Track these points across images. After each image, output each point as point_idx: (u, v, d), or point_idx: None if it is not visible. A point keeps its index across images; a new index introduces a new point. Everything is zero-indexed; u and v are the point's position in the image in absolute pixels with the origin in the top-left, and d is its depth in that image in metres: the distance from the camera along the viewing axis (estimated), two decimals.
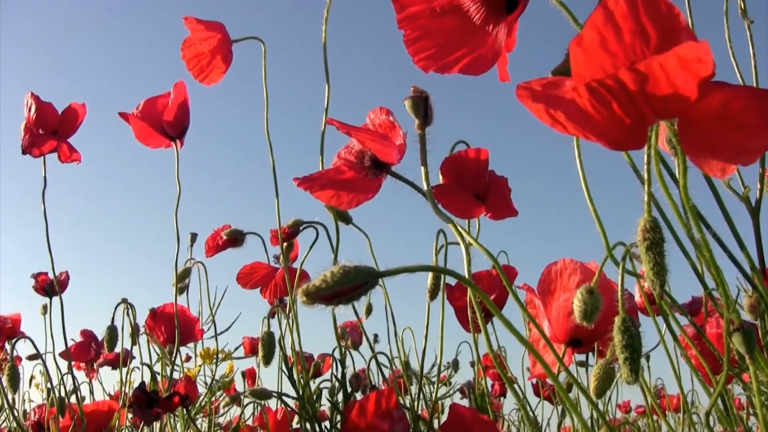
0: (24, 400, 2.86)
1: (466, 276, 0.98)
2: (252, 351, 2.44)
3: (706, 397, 2.43)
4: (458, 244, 1.01)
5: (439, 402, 1.76)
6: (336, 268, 0.63)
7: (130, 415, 1.97)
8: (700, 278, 1.00)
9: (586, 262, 1.13)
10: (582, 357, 1.55)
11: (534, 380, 2.14)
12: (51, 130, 1.78)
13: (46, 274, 2.11)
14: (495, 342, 1.70)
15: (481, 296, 0.67)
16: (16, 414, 2.54)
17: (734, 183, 1.09)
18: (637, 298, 1.18)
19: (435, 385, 1.52)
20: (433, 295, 1.34)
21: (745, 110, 0.55)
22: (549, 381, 1.89)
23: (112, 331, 1.76)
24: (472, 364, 1.96)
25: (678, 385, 1.04)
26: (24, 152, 1.77)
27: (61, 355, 1.93)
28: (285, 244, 1.51)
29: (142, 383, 1.54)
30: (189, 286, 1.96)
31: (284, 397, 1.48)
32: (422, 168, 0.98)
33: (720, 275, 0.80)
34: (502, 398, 2.41)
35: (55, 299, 1.96)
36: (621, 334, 0.76)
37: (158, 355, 1.88)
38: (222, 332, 1.99)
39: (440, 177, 1.31)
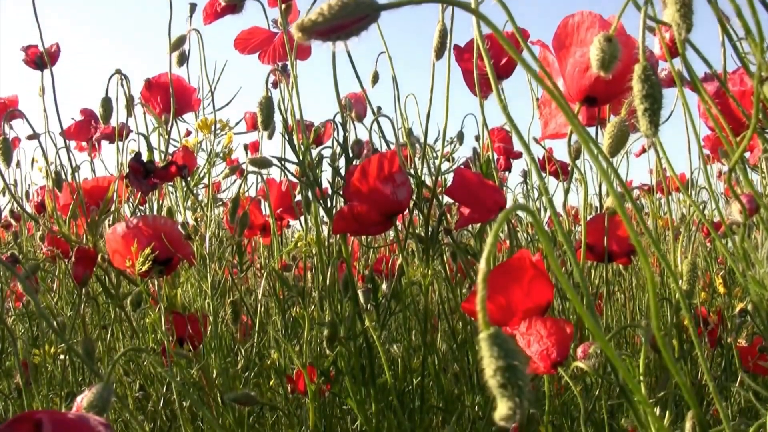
0: (28, 184, 2.87)
1: (476, 37, 0.90)
2: (254, 126, 2.39)
3: (713, 178, 2.41)
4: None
5: (443, 177, 1.73)
6: (334, 0, 0.56)
7: (131, 191, 1.96)
8: (723, 28, 0.93)
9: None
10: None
11: (541, 155, 2.09)
12: None
13: (36, 46, 2.04)
14: (502, 118, 1.64)
15: (493, 30, 0.60)
16: (18, 197, 2.54)
17: None
18: (657, 50, 1.11)
19: (439, 158, 1.48)
20: (438, 53, 1.27)
21: None
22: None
23: (106, 102, 1.71)
24: (477, 138, 1.91)
25: (696, 141, 0.99)
26: None
27: (61, 134, 1.89)
28: (283, 6, 1.43)
29: (138, 153, 1.51)
30: (188, 61, 1.89)
31: (285, 165, 1.45)
32: None
33: (755, 15, 0.73)
34: (507, 173, 2.38)
35: (48, 74, 1.90)
36: (641, 83, 0.70)
37: (155, 126, 1.83)
38: (222, 107, 1.95)
39: None
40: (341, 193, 1.38)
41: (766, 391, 1.06)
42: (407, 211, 1.39)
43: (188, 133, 2.21)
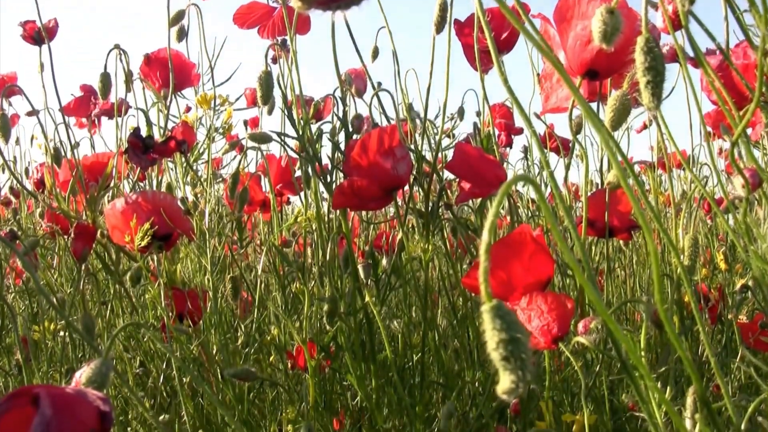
0: (27, 161, 2.86)
1: (477, 8, 0.90)
2: (254, 102, 2.38)
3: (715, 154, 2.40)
4: None
5: (444, 153, 1.72)
6: None
7: (130, 167, 1.95)
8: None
9: None
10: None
11: (542, 132, 2.08)
12: None
13: (34, 22, 2.03)
14: (503, 95, 1.63)
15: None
16: (17, 174, 2.54)
17: None
18: (659, 24, 1.10)
19: (439, 134, 1.47)
20: (439, 27, 1.26)
21: None
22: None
23: (104, 78, 1.70)
24: (478, 114, 1.90)
25: (699, 116, 0.98)
26: None
27: (61, 110, 1.88)
28: None
29: (137, 128, 1.50)
30: (187, 36, 1.88)
31: (285, 140, 1.44)
32: None
33: None
34: (508, 149, 2.37)
35: (46, 50, 1.89)
36: (644, 55, 0.69)
37: (154, 102, 1.82)
38: (222, 83, 1.94)
39: None
40: (341, 168, 1.37)
41: (767, 367, 1.05)
42: (407, 186, 1.38)
43: (188, 109, 2.20)
